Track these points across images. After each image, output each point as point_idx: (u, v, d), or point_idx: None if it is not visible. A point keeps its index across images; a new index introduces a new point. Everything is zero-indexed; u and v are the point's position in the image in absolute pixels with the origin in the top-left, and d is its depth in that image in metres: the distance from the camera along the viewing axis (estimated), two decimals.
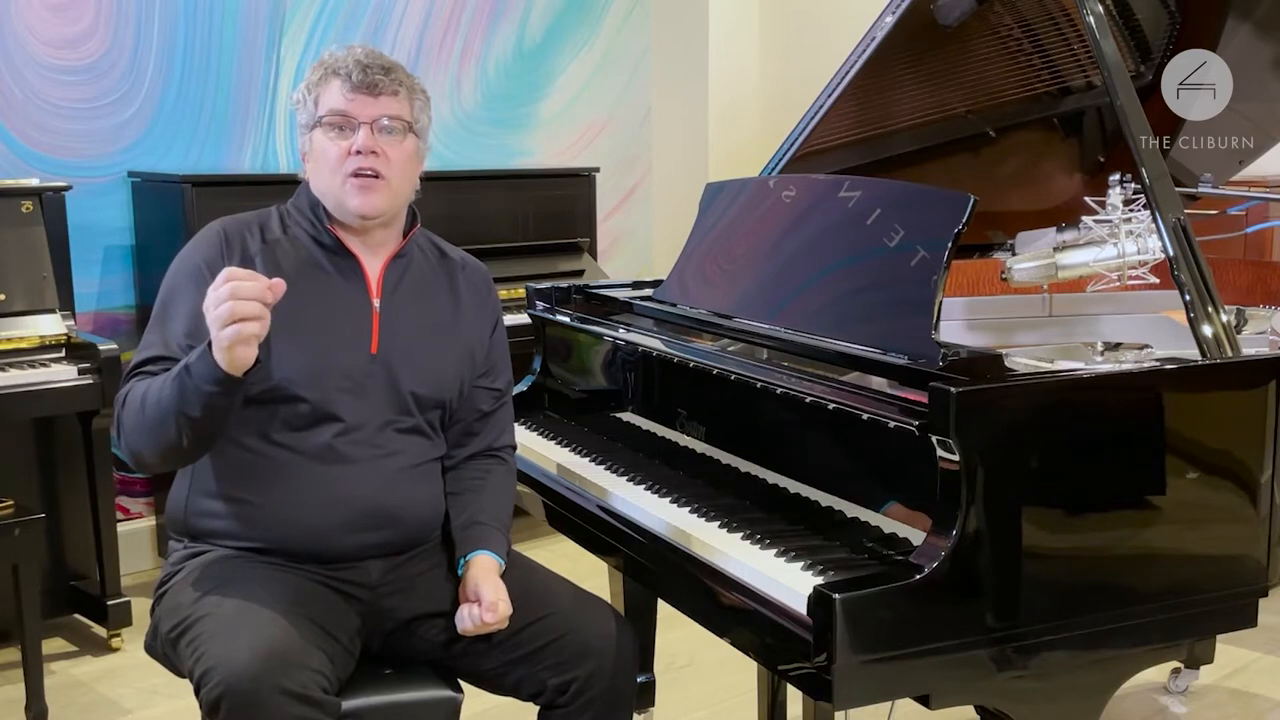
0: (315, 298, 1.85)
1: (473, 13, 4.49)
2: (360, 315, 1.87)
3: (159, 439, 1.71)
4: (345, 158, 1.82)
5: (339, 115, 1.83)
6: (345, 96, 1.83)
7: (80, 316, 3.40)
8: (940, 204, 1.78)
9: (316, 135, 1.86)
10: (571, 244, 4.33)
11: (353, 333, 1.86)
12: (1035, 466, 1.52)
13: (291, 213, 1.92)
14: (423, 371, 1.90)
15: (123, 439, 1.77)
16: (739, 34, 4.98)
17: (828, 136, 2.48)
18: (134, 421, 1.73)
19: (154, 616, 1.84)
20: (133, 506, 3.80)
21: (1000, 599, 1.50)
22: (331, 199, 1.87)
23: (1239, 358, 1.72)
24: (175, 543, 1.88)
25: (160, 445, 1.71)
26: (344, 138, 1.83)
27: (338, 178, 1.84)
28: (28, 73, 3.53)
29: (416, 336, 1.90)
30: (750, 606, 1.57)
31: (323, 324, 1.84)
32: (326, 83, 1.85)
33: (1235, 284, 2.45)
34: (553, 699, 1.85)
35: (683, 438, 2.06)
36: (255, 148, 3.99)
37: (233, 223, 1.89)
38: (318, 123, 1.85)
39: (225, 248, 1.84)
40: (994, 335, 2.33)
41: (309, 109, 1.87)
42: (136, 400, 1.73)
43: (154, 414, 1.69)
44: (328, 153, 1.84)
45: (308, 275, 1.86)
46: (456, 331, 1.96)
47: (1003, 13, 2.44)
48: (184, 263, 1.85)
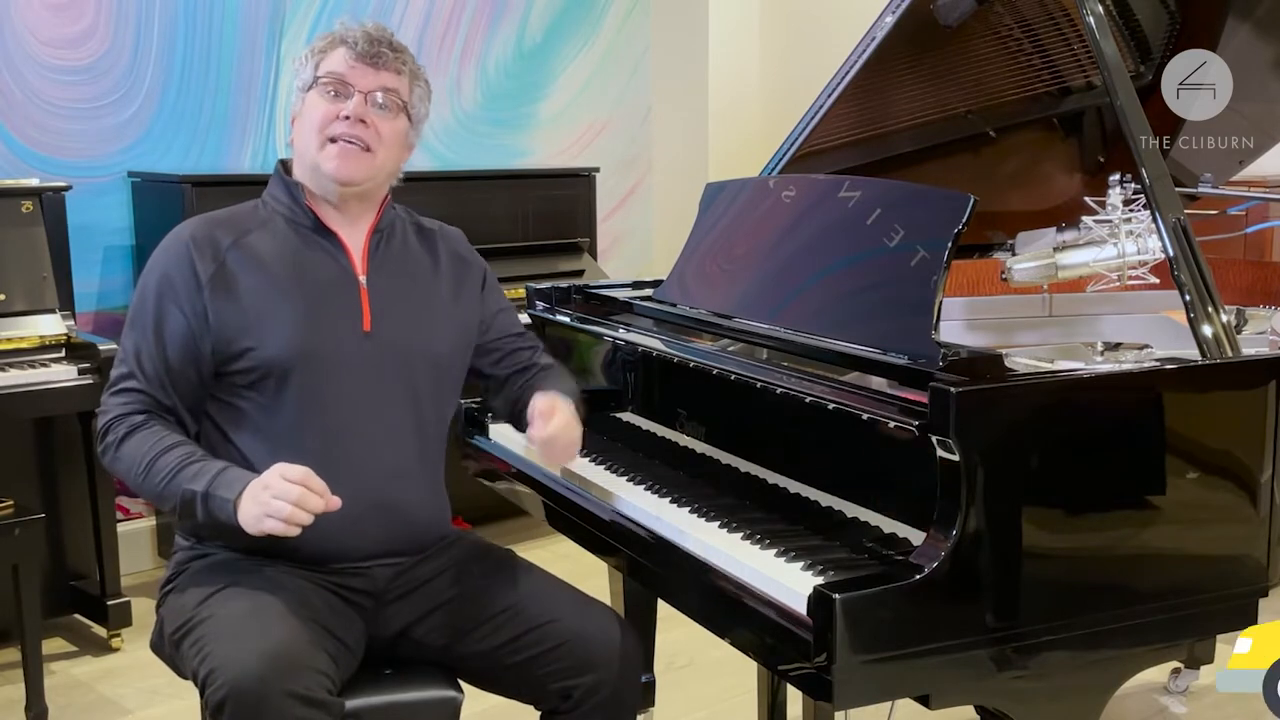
0: (299, 280, 1.83)
1: (473, 13, 4.49)
2: (348, 292, 1.85)
3: (150, 498, 1.80)
4: (332, 121, 1.82)
5: (337, 79, 1.83)
6: (347, 63, 1.83)
7: (80, 316, 3.40)
8: (940, 204, 1.78)
9: (310, 96, 1.85)
10: (571, 244, 4.33)
11: (342, 311, 1.84)
12: (1035, 466, 1.52)
13: (268, 201, 1.90)
14: (419, 345, 1.89)
15: (110, 468, 1.81)
16: (739, 34, 4.98)
17: (828, 136, 2.48)
18: (130, 477, 1.78)
19: (158, 616, 1.84)
20: (133, 506, 3.80)
21: (1000, 599, 1.50)
22: (309, 162, 1.85)
23: (1239, 358, 1.72)
24: (182, 541, 1.88)
25: (151, 500, 1.80)
26: (335, 102, 1.83)
27: (318, 138, 1.82)
28: (28, 73, 3.53)
29: (408, 310, 1.89)
30: (750, 606, 1.57)
31: (310, 305, 1.82)
32: (332, 49, 1.85)
33: (1235, 284, 2.45)
34: (555, 705, 1.85)
35: (683, 438, 2.05)
36: (255, 148, 3.99)
37: (201, 225, 1.86)
38: (314, 83, 1.84)
39: (195, 255, 1.81)
40: (994, 335, 2.33)
41: (309, 70, 1.86)
42: (136, 461, 1.75)
43: (151, 490, 1.75)
44: (315, 110, 1.83)
45: (288, 259, 1.84)
46: (447, 301, 1.96)
47: (1003, 13, 2.44)
48: (154, 275, 1.83)
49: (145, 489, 1.76)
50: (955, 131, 2.60)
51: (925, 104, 2.54)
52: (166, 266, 1.82)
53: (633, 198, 5.09)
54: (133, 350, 1.81)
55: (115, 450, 1.78)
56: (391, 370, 1.85)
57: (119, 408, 1.80)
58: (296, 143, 1.87)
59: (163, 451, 1.73)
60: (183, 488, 1.70)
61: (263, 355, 1.78)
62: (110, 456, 1.79)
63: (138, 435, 1.76)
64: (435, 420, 1.93)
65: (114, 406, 1.80)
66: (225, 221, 1.87)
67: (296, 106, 1.88)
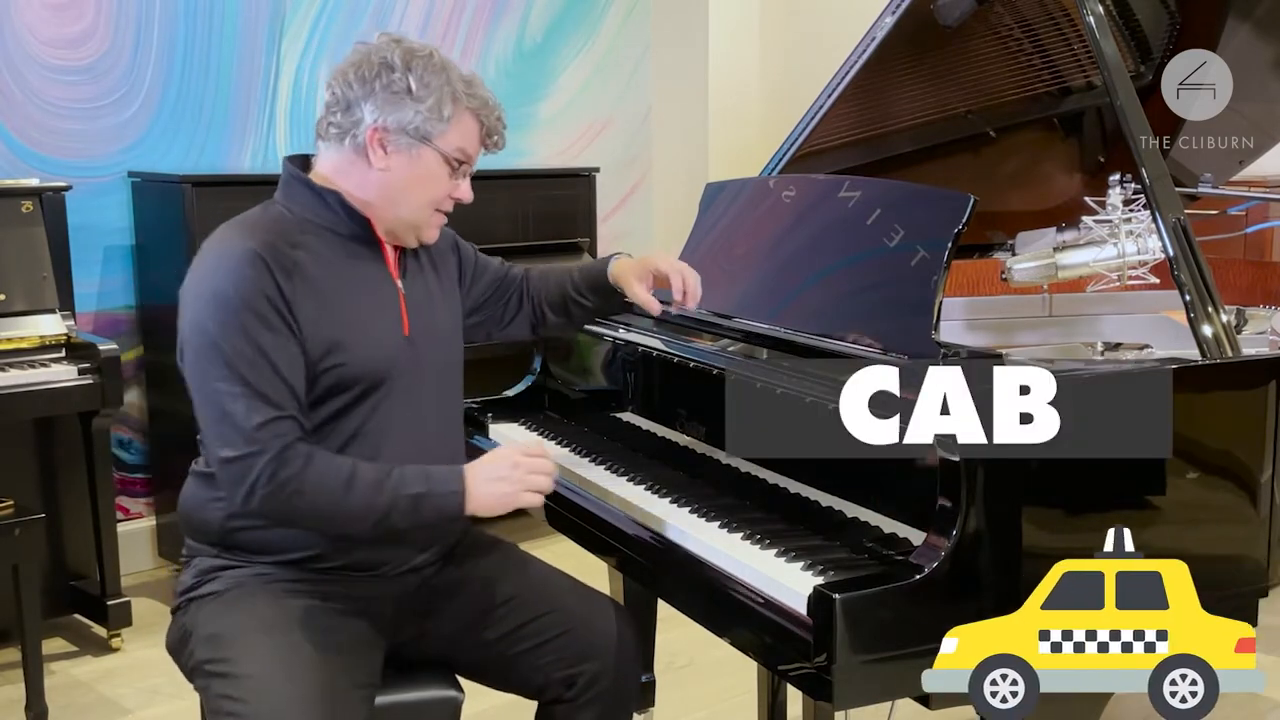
0: (359, 290, 1.80)
1: (473, 13, 4.49)
2: (393, 298, 1.84)
3: (344, 518, 1.70)
4: (446, 198, 1.82)
5: (468, 160, 1.82)
6: (477, 145, 1.83)
7: (80, 316, 3.40)
8: (940, 204, 1.78)
9: (431, 156, 1.78)
10: (571, 244, 4.33)
11: (393, 317, 1.83)
12: (1035, 466, 1.52)
13: (295, 209, 1.80)
14: (442, 345, 1.90)
15: (284, 504, 1.67)
16: (739, 34, 4.98)
17: (828, 136, 2.48)
18: (323, 501, 1.67)
19: (180, 624, 1.80)
20: (133, 506, 3.80)
21: (1000, 599, 1.50)
22: (405, 216, 1.81)
23: (1239, 358, 1.72)
24: (207, 548, 1.81)
25: (334, 521, 1.70)
26: (454, 178, 1.81)
27: (427, 210, 1.82)
28: (28, 73, 3.54)
29: (430, 311, 1.90)
30: (750, 606, 1.57)
31: (374, 315, 1.80)
32: (464, 116, 1.79)
33: (1235, 284, 2.45)
34: (558, 694, 1.86)
35: (683, 438, 2.05)
36: (255, 148, 3.99)
37: (258, 238, 1.72)
38: (442, 151, 1.78)
39: (274, 270, 1.69)
40: (994, 335, 2.33)
41: (433, 122, 1.76)
42: (333, 484, 1.67)
43: (351, 508, 1.68)
44: (436, 181, 1.80)
45: (344, 269, 1.79)
46: (449, 294, 1.97)
47: (1003, 13, 2.44)
48: (238, 300, 1.67)
49: (343, 507, 1.68)
50: (955, 131, 2.60)
51: (925, 104, 2.55)
52: (243, 289, 1.67)
53: (633, 198, 5.09)
54: (252, 382, 1.66)
55: (298, 482, 1.65)
56: (428, 372, 1.85)
57: (276, 441, 1.65)
58: (391, 184, 1.78)
59: (353, 469, 1.69)
60: (398, 495, 1.68)
61: (347, 370, 1.74)
62: (290, 490, 1.65)
63: (316, 461, 1.68)
64: (460, 418, 1.97)
65: (269, 442, 1.65)
66: (271, 231, 1.75)
67: (397, 143, 1.76)
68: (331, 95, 1.79)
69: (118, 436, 3.68)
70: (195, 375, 1.70)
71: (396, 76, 1.75)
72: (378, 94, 1.75)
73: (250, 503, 1.66)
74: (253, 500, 1.66)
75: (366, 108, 1.75)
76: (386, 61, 1.76)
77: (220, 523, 1.77)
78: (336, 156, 1.80)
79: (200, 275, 1.72)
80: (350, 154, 1.78)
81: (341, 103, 1.77)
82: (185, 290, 1.73)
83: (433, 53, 1.79)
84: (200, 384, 1.69)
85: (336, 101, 1.78)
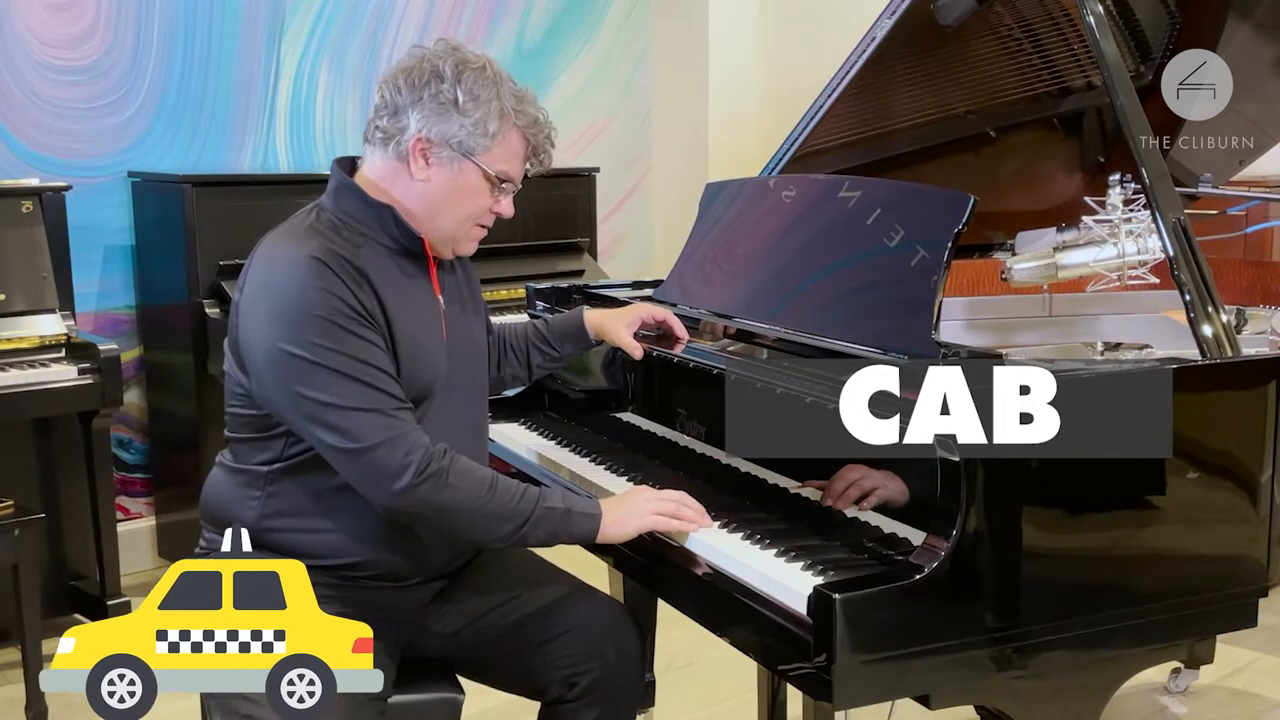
0: (415, 303, 1.79)
1: (473, 13, 4.49)
2: (437, 309, 1.83)
3: (485, 518, 1.69)
4: (486, 213, 1.82)
5: (509, 180, 1.81)
6: (522, 168, 1.82)
7: (80, 316, 3.40)
8: (940, 204, 1.78)
9: (471, 171, 1.76)
10: (571, 244, 4.33)
11: (434, 333, 1.82)
12: (1035, 466, 1.52)
13: (348, 221, 1.76)
14: (474, 356, 1.91)
15: (429, 496, 1.66)
16: (739, 34, 4.98)
17: (828, 136, 2.48)
18: (469, 498, 1.68)
19: None
20: (133, 506, 3.80)
21: (1000, 599, 1.50)
22: (445, 230, 1.80)
23: (1239, 358, 1.72)
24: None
25: (475, 519, 1.68)
26: (497, 195, 1.80)
27: (467, 224, 1.81)
28: (28, 73, 3.54)
29: (465, 322, 1.90)
30: (750, 606, 1.57)
31: (429, 327, 1.80)
32: (511, 133, 1.77)
33: (1235, 284, 2.45)
34: (560, 694, 1.86)
35: (683, 438, 2.05)
36: (255, 148, 3.99)
37: (317, 245, 1.69)
38: (484, 169, 1.76)
39: (344, 275, 1.67)
40: (994, 335, 2.33)
41: (479, 137, 1.74)
42: (478, 484, 1.68)
43: (496, 509, 1.69)
44: (478, 197, 1.78)
45: (399, 280, 1.77)
46: (477, 303, 1.98)
47: (1003, 13, 2.44)
48: (322, 308, 1.64)
49: (487, 508, 1.68)
50: (955, 131, 2.60)
51: (925, 104, 2.55)
52: (332, 292, 1.66)
53: (633, 198, 5.09)
54: (373, 389, 1.65)
55: (448, 476, 1.66)
56: (460, 385, 1.85)
57: (419, 442, 1.66)
58: (430, 196, 1.76)
59: (492, 474, 1.72)
60: (540, 505, 1.71)
61: (415, 383, 1.74)
62: (439, 482, 1.66)
63: (458, 460, 1.69)
64: (487, 431, 1.98)
65: (415, 443, 1.65)
66: (329, 240, 1.72)
67: (439, 155, 1.74)
68: (381, 99, 1.77)
69: (118, 436, 3.69)
70: (312, 388, 1.64)
71: (445, 87, 1.72)
72: (425, 103, 1.73)
73: (408, 495, 1.64)
74: (412, 491, 1.64)
75: (413, 116, 1.73)
76: (437, 71, 1.73)
77: (254, 521, 1.75)
78: (381, 163, 1.78)
79: (275, 289, 1.68)
80: (394, 161, 1.76)
81: (390, 107, 1.75)
82: (255, 303, 1.70)
83: (486, 64, 1.76)
84: (319, 392, 1.64)
85: (385, 105, 1.76)
